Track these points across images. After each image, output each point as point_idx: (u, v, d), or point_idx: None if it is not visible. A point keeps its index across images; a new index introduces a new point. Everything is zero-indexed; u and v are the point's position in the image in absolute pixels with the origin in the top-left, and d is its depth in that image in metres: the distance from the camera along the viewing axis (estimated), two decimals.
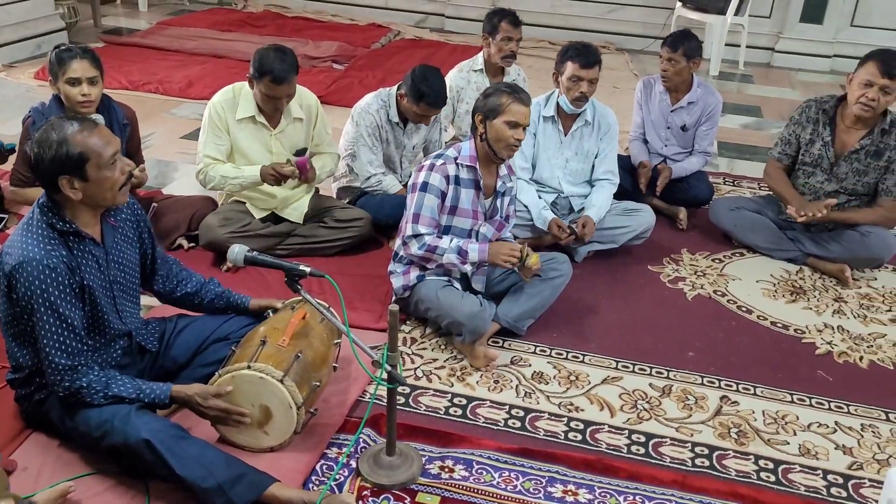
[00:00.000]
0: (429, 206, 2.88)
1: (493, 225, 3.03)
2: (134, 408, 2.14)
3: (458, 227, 2.96)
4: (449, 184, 2.89)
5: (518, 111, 2.82)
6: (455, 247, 2.88)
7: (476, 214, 2.97)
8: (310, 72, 6.19)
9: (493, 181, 2.99)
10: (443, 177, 2.87)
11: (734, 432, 2.63)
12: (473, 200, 2.95)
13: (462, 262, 2.89)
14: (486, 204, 3.00)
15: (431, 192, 2.87)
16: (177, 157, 4.54)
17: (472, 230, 2.98)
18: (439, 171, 2.88)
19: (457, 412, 2.65)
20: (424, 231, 2.88)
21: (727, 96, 6.05)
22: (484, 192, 2.96)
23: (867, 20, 7.14)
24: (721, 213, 3.90)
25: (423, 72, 3.47)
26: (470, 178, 2.93)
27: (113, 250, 2.26)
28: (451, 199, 2.91)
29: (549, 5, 7.78)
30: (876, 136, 3.48)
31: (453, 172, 2.89)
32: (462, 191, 2.92)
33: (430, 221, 2.89)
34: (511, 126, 2.82)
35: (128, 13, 7.98)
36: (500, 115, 2.82)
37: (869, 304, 3.47)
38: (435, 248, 2.88)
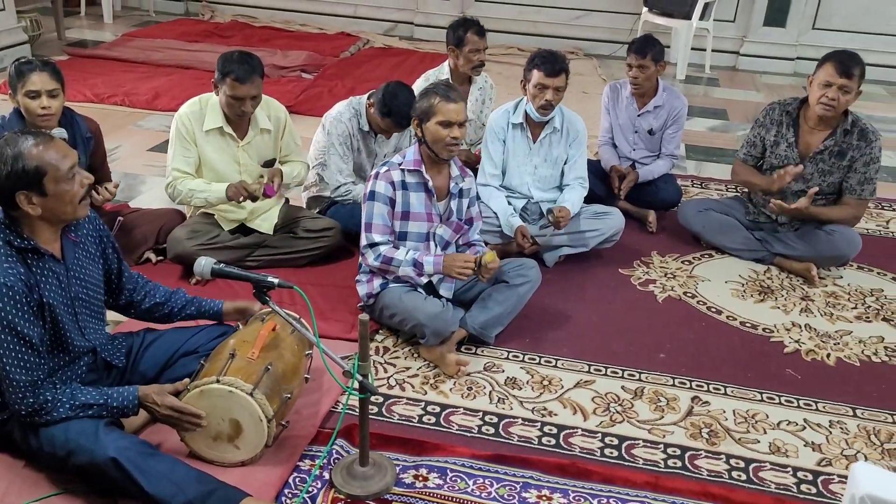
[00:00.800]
0: (379, 214, 2.90)
1: (451, 227, 3.03)
2: (101, 425, 2.10)
3: (414, 232, 2.97)
4: (396, 189, 2.90)
5: (449, 110, 2.82)
6: (410, 259, 2.89)
7: (430, 217, 2.97)
8: (278, 81, 6.17)
9: (445, 182, 3.00)
10: (388, 183, 2.89)
11: (705, 432, 2.65)
12: (425, 203, 2.95)
13: (418, 275, 2.90)
14: (440, 206, 3.00)
15: (379, 200, 2.89)
16: (144, 170, 4.50)
17: (428, 233, 2.98)
18: (384, 178, 2.90)
19: (430, 420, 2.65)
20: (378, 239, 2.89)
21: (694, 100, 6.14)
22: (436, 194, 2.96)
23: (828, 23, 7.28)
24: (689, 215, 3.94)
25: (395, 89, 3.47)
26: (418, 182, 2.94)
27: (74, 266, 2.23)
28: (402, 205, 2.92)
29: (516, 12, 7.83)
30: (839, 136, 3.53)
31: (399, 178, 2.91)
32: (411, 195, 2.93)
33: (382, 229, 2.90)
34: (445, 126, 2.82)
35: (92, 25, 7.89)
36: (432, 117, 2.83)
37: (835, 302, 3.52)
38: (391, 260, 2.89)
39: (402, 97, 3.45)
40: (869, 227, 4.24)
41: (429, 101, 2.85)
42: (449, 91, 2.86)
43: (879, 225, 4.32)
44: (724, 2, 7.10)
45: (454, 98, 2.84)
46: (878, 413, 2.79)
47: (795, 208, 3.50)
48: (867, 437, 2.66)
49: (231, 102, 3.22)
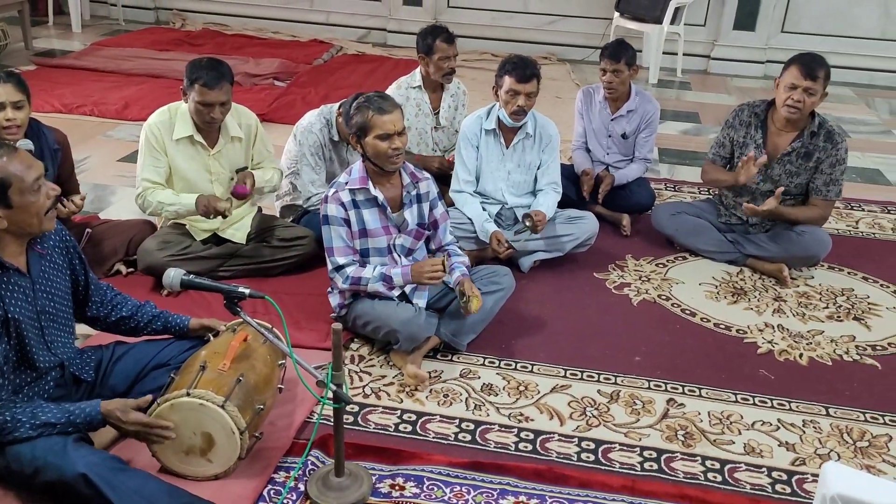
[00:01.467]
0: (337, 237, 2.87)
1: (410, 235, 3.00)
2: (70, 441, 2.06)
3: (375, 248, 2.95)
4: (347, 209, 2.86)
5: (385, 122, 2.76)
6: (379, 274, 2.87)
7: (388, 230, 2.94)
8: (251, 90, 6.13)
9: (398, 192, 2.96)
10: (338, 205, 2.85)
11: (681, 434, 2.66)
12: (379, 218, 2.92)
13: (389, 289, 2.89)
14: (395, 217, 2.96)
15: (334, 223, 2.86)
16: (114, 181, 4.44)
17: (389, 246, 2.96)
18: (333, 200, 2.86)
19: (406, 428, 2.63)
20: (343, 261, 2.88)
21: (666, 103, 6.19)
22: (389, 206, 2.92)
23: (797, 27, 7.38)
24: (662, 218, 3.97)
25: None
26: (367, 199, 2.89)
27: (40, 280, 2.19)
28: (357, 223, 2.89)
29: (490, 18, 7.85)
30: (806, 138, 3.58)
31: (348, 198, 2.86)
32: (364, 212, 2.89)
33: (344, 251, 2.88)
34: (383, 139, 2.77)
35: (61, 34, 7.79)
36: (370, 132, 2.78)
37: (807, 302, 3.55)
38: (359, 280, 2.88)
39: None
40: (839, 228, 4.30)
41: (363, 116, 2.79)
42: (382, 102, 2.79)
43: (849, 225, 4.37)
44: (694, 6, 7.16)
45: (388, 108, 2.78)
46: (850, 412, 2.82)
47: (766, 210, 3.53)
48: (840, 436, 2.69)
49: (200, 109, 3.19)
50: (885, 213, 4.54)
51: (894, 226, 4.38)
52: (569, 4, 7.71)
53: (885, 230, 4.33)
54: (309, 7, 8.18)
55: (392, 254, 2.98)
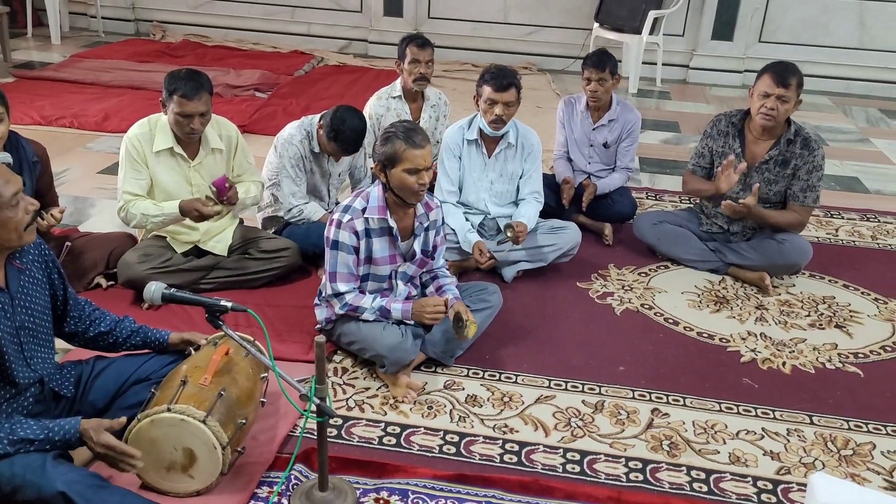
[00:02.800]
0: (343, 264, 2.83)
1: (415, 263, 2.97)
2: (49, 458, 2.02)
3: (377, 274, 2.91)
4: (360, 238, 2.81)
5: (415, 156, 2.68)
6: (377, 306, 2.84)
7: (393, 259, 2.90)
8: (232, 101, 6.11)
9: (410, 222, 2.91)
10: (351, 233, 2.79)
11: (666, 444, 2.66)
12: (389, 247, 2.88)
13: (384, 318, 2.87)
14: (403, 247, 2.92)
15: (343, 250, 2.81)
16: (94, 193, 4.39)
17: (391, 273, 2.94)
18: (347, 227, 2.79)
19: (391, 441, 2.61)
20: (344, 289, 2.84)
21: (646, 113, 6.23)
22: (400, 235, 2.88)
23: (773, 36, 7.47)
24: (644, 227, 3.98)
25: (344, 114, 3.45)
26: (382, 228, 2.84)
27: (19, 295, 2.15)
28: (365, 251, 2.84)
29: (470, 29, 7.88)
30: (783, 145, 3.61)
31: (362, 227, 2.80)
32: (374, 241, 2.84)
33: (347, 278, 2.85)
34: (411, 173, 2.70)
35: (40, 46, 7.72)
36: (398, 164, 2.70)
37: (789, 310, 3.58)
38: (357, 308, 2.85)
39: (351, 123, 3.43)
40: (819, 235, 4.33)
41: (392, 146, 2.70)
42: (413, 135, 2.70)
43: (829, 233, 4.41)
44: (672, 16, 7.23)
45: (420, 143, 2.70)
46: (834, 420, 2.83)
47: (743, 205, 3.53)
48: (824, 445, 2.70)
49: (179, 120, 3.16)
50: (864, 221, 4.58)
51: (874, 233, 4.42)
52: (548, 15, 7.76)
53: (865, 238, 4.37)
54: (290, 18, 8.16)
55: (392, 280, 2.95)
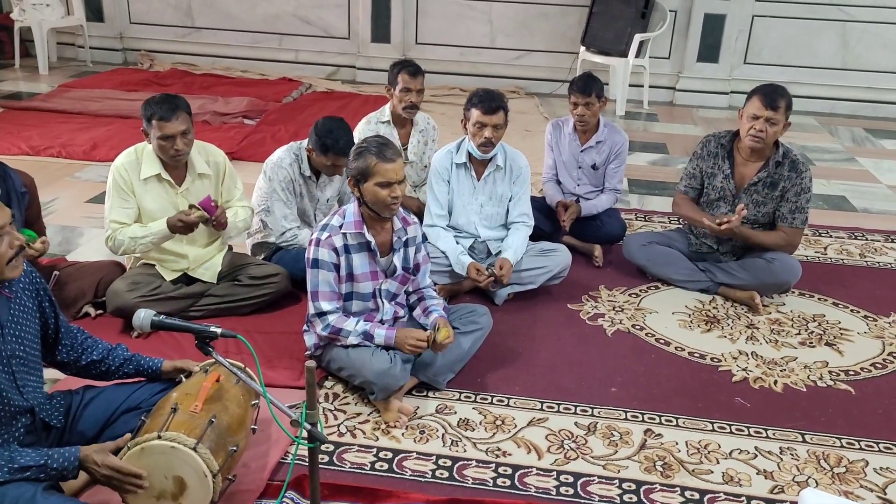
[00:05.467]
0: (325, 282, 2.83)
1: (396, 279, 2.98)
2: (39, 489, 1.99)
3: (360, 292, 2.91)
4: (339, 255, 2.82)
5: (387, 170, 2.72)
6: (361, 330, 2.84)
7: (375, 275, 2.91)
8: (220, 128, 6.12)
9: (388, 237, 2.93)
10: (330, 250, 2.81)
11: (659, 465, 2.65)
12: (369, 263, 2.89)
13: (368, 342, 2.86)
14: (383, 262, 2.93)
15: (323, 268, 2.82)
16: (82, 222, 4.38)
17: (374, 291, 2.94)
18: (326, 244, 2.81)
19: (383, 467, 2.59)
20: (327, 308, 2.84)
21: (634, 135, 6.28)
22: (379, 251, 2.89)
23: (758, 58, 7.56)
24: (634, 248, 3.99)
25: (325, 124, 3.47)
26: (360, 243, 2.86)
27: (9, 324, 2.13)
28: (345, 268, 2.85)
29: (458, 53, 7.95)
30: (771, 167, 3.64)
31: (340, 243, 2.83)
32: (354, 257, 2.86)
33: (329, 296, 2.85)
34: (384, 186, 2.74)
35: (27, 77, 7.73)
36: (370, 178, 2.74)
37: (779, 328, 3.58)
38: (340, 331, 2.84)
39: (335, 129, 3.45)
40: (808, 254, 4.36)
41: (364, 161, 2.74)
42: (384, 149, 2.75)
43: (818, 251, 4.43)
44: (658, 39, 7.31)
45: (391, 157, 2.74)
46: (826, 437, 2.83)
47: (727, 227, 3.55)
48: (817, 463, 2.69)
49: (162, 144, 3.17)
50: (852, 240, 4.61)
51: (861, 251, 4.45)
52: (535, 39, 7.84)
53: (853, 256, 4.40)
54: (278, 46, 8.21)
55: (376, 298, 2.95)
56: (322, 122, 3.48)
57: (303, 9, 8.06)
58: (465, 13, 7.84)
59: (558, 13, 7.71)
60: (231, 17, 8.17)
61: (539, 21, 7.77)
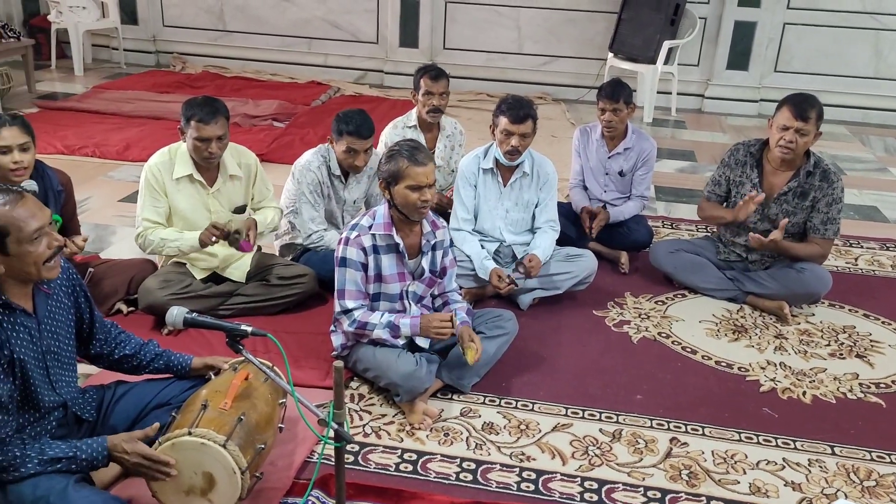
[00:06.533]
0: (352, 280, 2.85)
1: (423, 282, 2.99)
2: (71, 481, 2.04)
3: (387, 293, 2.93)
4: (367, 255, 2.85)
5: (418, 173, 2.74)
6: (386, 322, 2.85)
7: (402, 276, 2.93)
8: (250, 130, 6.18)
9: (417, 240, 2.95)
10: (359, 249, 2.83)
11: (685, 474, 2.63)
12: (397, 264, 2.91)
13: (394, 337, 2.87)
14: (411, 264, 2.95)
15: (351, 267, 2.84)
16: (115, 221, 4.45)
17: (402, 292, 2.95)
18: (354, 244, 2.84)
19: (407, 468, 2.60)
20: (352, 305, 2.86)
21: (661, 142, 6.24)
22: (407, 253, 2.91)
23: (789, 66, 7.50)
24: (661, 255, 3.98)
25: (343, 111, 3.55)
26: (388, 244, 2.88)
27: (46, 320, 2.18)
28: (374, 268, 2.87)
29: (484, 59, 7.96)
30: (802, 177, 3.60)
31: (369, 243, 2.85)
32: (382, 258, 2.88)
33: (356, 295, 2.87)
34: (414, 189, 2.76)
35: (63, 78, 7.87)
36: (401, 181, 2.76)
37: (808, 339, 3.55)
38: (365, 325, 2.85)
39: (352, 114, 3.51)
40: (838, 265, 4.31)
41: (396, 164, 2.77)
42: (416, 153, 2.78)
43: (848, 262, 4.38)
44: (687, 46, 7.28)
45: (422, 160, 2.77)
46: (856, 451, 2.80)
47: (772, 240, 3.52)
48: (846, 476, 2.66)
49: (197, 145, 3.22)
50: (884, 251, 4.55)
51: (893, 262, 4.39)
52: (563, 45, 7.83)
53: (885, 267, 4.34)
54: (307, 50, 8.29)
55: (403, 300, 2.97)
56: (341, 111, 3.56)
57: (332, 13, 8.13)
58: (493, 19, 7.86)
59: (586, 19, 7.70)
60: (262, 21, 8.26)
61: (567, 27, 7.77)
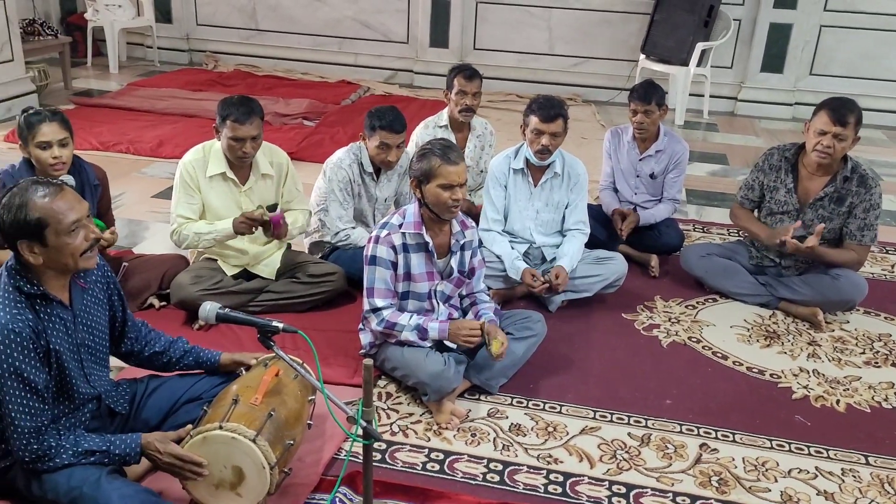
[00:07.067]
0: (381, 279, 2.86)
1: (452, 282, 2.99)
2: (104, 473, 2.08)
3: (416, 292, 2.93)
4: (397, 253, 2.85)
5: (449, 172, 2.74)
6: (414, 324, 2.85)
7: (431, 276, 2.93)
8: (280, 129, 6.23)
9: (446, 240, 2.95)
10: (389, 248, 2.84)
11: (715, 480, 2.60)
12: (426, 263, 2.91)
13: (421, 339, 2.87)
14: (440, 264, 2.95)
15: (381, 265, 2.84)
16: (148, 216, 4.51)
17: (430, 291, 2.95)
18: (385, 242, 2.84)
19: (434, 467, 2.60)
20: (381, 304, 2.86)
21: (693, 145, 6.18)
22: (436, 252, 2.91)
23: (825, 69, 7.38)
24: (692, 259, 3.94)
25: (373, 108, 3.56)
26: (418, 243, 2.88)
27: (81, 313, 2.22)
28: (403, 266, 2.88)
29: (515, 60, 7.95)
30: (838, 183, 3.54)
31: (399, 241, 2.85)
32: (412, 256, 2.88)
33: (385, 293, 2.87)
34: (445, 188, 2.76)
35: (98, 75, 7.99)
36: (432, 179, 2.76)
37: (843, 347, 3.49)
38: (394, 325, 2.85)
39: (384, 109, 3.54)
40: (874, 272, 4.23)
41: (428, 162, 2.77)
42: (448, 152, 2.78)
43: (885, 269, 4.31)
44: (721, 48, 7.20)
45: (454, 159, 2.77)
46: (890, 461, 2.74)
47: (808, 247, 3.46)
48: (881, 486, 2.61)
49: (232, 145, 3.25)
50: None
51: None
52: (594, 47, 7.79)
53: None
54: (337, 49, 8.33)
55: (431, 299, 2.97)
56: (374, 108, 3.58)
57: (363, 13, 8.16)
58: (524, 20, 7.84)
59: (619, 20, 7.66)
60: (294, 20, 8.32)
61: (599, 28, 7.73)
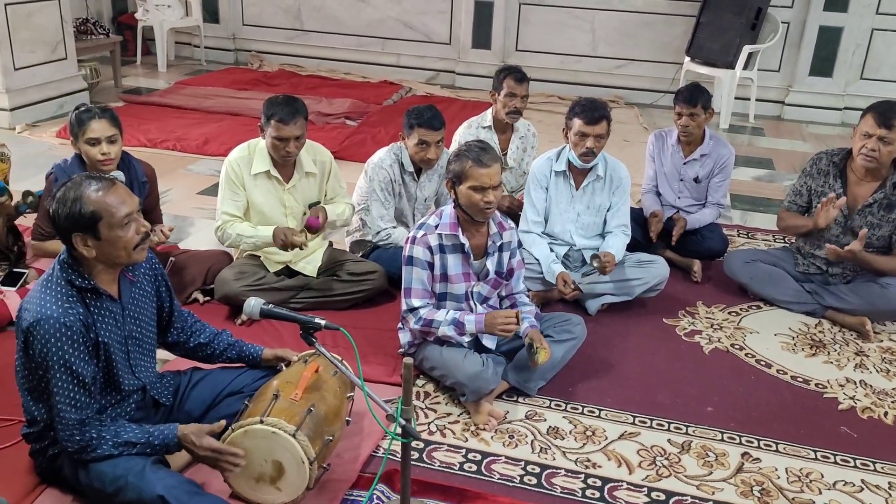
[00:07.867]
0: (418, 279, 2.87)
1: (488, 283, 2.99)
2: (148, 463, 2.13)
3: (453, 293, 2.94)
4: (433, 254, 2.86)
5: (480, 174, 2.73)
6: (451, 319, 2.85)
7: (468, 277, 2.93)
8: (323, 128, 6.29)
9: (483, 241, 2.94)
10: (425, 248, 2.85)
11: (757, 490, 2.56)
12: (462, 264, 2.91)
13: (459, 334, 2.87)
14: (476, 265, 2.95)
15: (418, 266, 2.86)
16: (193, 213, 4.59)
17: (467, 292, 2.95)
18: (421, 243, 2.85)
19: (471, 468, 2.60)
20: (418, 304, 2.87)
21: (738, 149, 6.08)
22: (473, 253, 2.91)
23: (876, 73, 7.21)
24: (736, 265, 3.88)
25: (412, 107, 3.60)
26: (454, 244, 2.88)
27: (130, 306, 2.27)
28: (440, 267, 2.89)
29: (558, 62, 7.91)
30: (888, 188, 3.46)
31: (435, 242, 2.86)
32: (448, 257, 2.88)
33: (422, 293, 2.88)
34: (477, 191, 2.75)
35: (147, 73, 8.16)
36: (465, 181, 2.76)
37: (892, 357, 3.41)
38: (431, 322, 2.86)
39: (423, 107, 3.60)
40: None
41: (461, 164, 2.78)
42: (482, 154, 2.77)
43: None
44: (768, 52, 7.08)
45: (487, 162, 2.75)
46: None
47: (849, 251, 3.40)
48: None
49: (276, 144, 3.29)
50: None
51: None
52: (638, 49, 7.72)
53: None
54: (380, 50, 8.38)
55: (469, 301, 2.98)
56: (412, 107, 3.62)
57: (406, 14, 8.20)
58: (566, 21, 7.80)
59: (663, 23, 7.58)
60: (337, 21, 8.40)
61: (643, 30, 7.66)
